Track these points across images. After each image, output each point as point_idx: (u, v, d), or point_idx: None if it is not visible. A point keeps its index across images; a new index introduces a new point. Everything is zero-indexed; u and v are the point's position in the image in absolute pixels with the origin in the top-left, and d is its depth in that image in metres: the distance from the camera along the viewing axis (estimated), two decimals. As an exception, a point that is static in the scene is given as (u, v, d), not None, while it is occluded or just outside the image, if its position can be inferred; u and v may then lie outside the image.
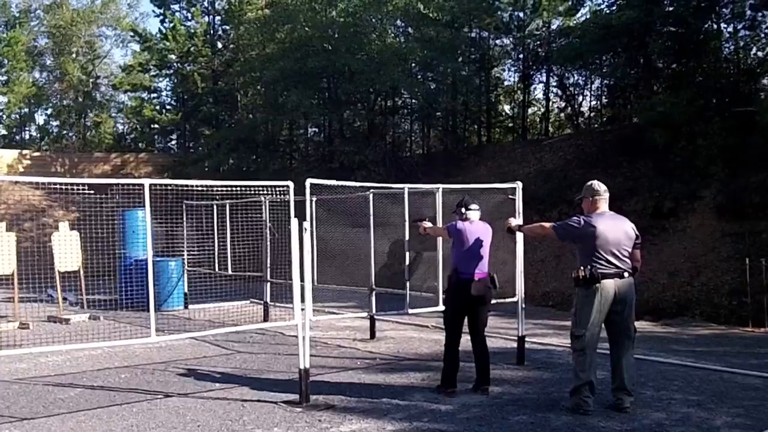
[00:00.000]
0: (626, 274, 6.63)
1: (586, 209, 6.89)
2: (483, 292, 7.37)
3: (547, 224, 7.05)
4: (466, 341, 7.62)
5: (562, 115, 28.05)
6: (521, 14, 25.60)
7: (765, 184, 14.09)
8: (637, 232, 6.84)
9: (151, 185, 6.68)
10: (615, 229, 6.65)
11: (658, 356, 9.18)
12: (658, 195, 16.08)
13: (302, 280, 7.13)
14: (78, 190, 7.29)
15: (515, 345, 9.11)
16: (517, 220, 7.40)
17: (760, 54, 18.65)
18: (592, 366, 6.66)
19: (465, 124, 27.90)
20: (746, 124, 14.96)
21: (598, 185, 6.97)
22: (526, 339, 9.09)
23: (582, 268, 6.56)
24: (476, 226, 7.50)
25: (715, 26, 18.77)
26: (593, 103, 26.52)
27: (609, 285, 6.53)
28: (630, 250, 6.69)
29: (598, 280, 6.48)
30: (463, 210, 7.51)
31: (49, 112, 41.93)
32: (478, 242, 7.37)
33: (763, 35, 18.28)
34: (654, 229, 15.22)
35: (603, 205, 6.85)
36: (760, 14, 17.97)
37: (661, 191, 16.07)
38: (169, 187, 9.13)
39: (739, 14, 18.16)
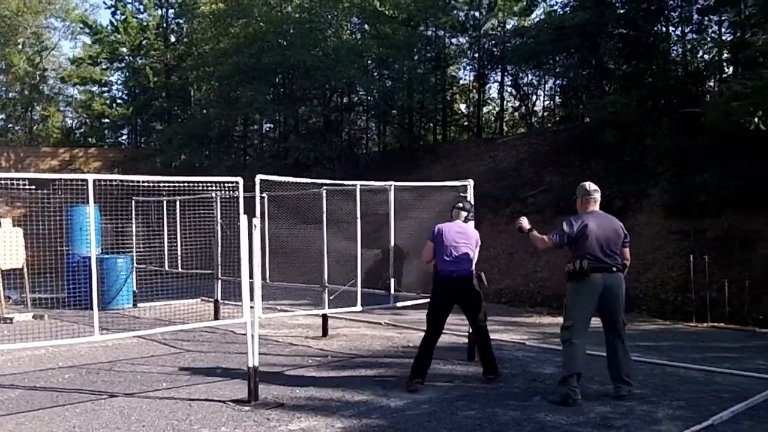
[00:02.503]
0: (615, 269, 6.90)
1: (578, 208, 7.16)
2: (462, 289, 7.59)
3: (546, 238, 7.11)
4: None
5: (517, 114, 28.30)
6: (477, 14, 25.75)
7: (710, 183, 14.38)
8: (626, 231, 7.14)
9: (95, 181, 6.51)
10: (604, 227, 6.93)
11: (605, 351, 9.25)
12: (608, 193, 16.07)
13: (251, 277, 7.04)
14: (19, 184, 7.07)
15: (466, 341, 9.11)
16: (528, 224, 7.39)
17: (706, 57, 19.09)
18: (579, 357, 6.87)
19: (421, 122, 27.97)
20: (693, 125, 15.27)
21: (589, 185, 7.21)
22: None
23: (572, 262, 6.85)
24: (458, 227, 7.72)
25: (664, 29, 19.16)
26: (547, 102, 26.85)
27: (598, 278, 6.80)
28: (619, 247, 6.98)
29: (587, 274, 6.76)
30: (453, 211, 7.88)
31: (-7, 104, 40.91)
32: (457, 242, 7.56)
33: (709, 39, 18.71)
34: (603, 226, 15.42)
35: (593, 204, 7.10)
36: (706, 18, 18.39)
37: (611, 190, 16.18)
38: (117, 183, 8.93)
39: (687, 18, 18.59)
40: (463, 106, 29.92)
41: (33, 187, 8.05)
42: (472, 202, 8.49)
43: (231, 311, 12.58)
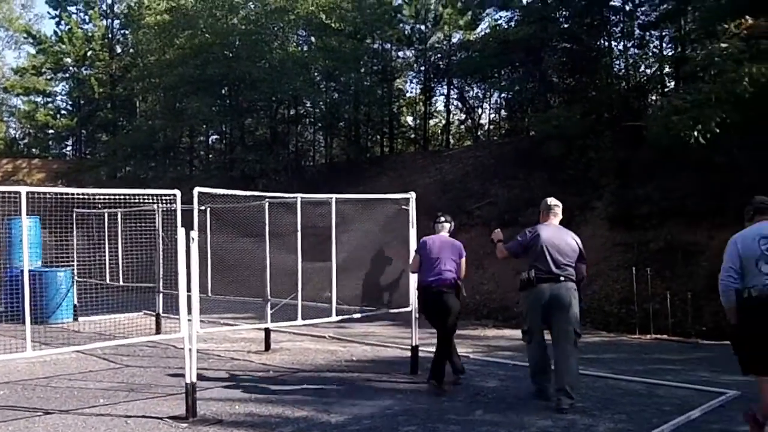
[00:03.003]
0: (562, 279, 7.17)
1: (540, 221, 7.60)
2: (442, 299, 8.00)
3: (503, 247, 7.60)
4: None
5: (463, 127, 28.56)
6: (423, 27, 25.96)
7: (652, 195, 14.65)
8: (581, 248, 7.46)
9: (29, 193, 6.37)
10: (557, 239, 7.29)
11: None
12: (552, 206, 16.50)
13: (189, 291, 6.95)
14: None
15: (409, 354, 9.11)
16: (500, 236, 7.79)
17: (648, 71, 19.53)
18: (538, 356, 7.44)
19: (368, 135, 28.02)
20: (636, 138, 15.55)
21: (550, 200, 7.67)
22: (421, 348, 9.09)
23: (526, 272, 7.25)
24: (442, 239, 8.25)
25: (606, 44, 19.52)
26: (492, 115, 27.16)
27: (545, 288, 7.15)
28: (573, 260, 7.29)
29: (534, 284, 7.15)
30: (433, 224, 8.43)
31: (-66, 114, 39.83)
32: (442, 254, 8.03)
33: (651, 53, 19.15)
34: (548, 239, 15.59)
35: (552, 218, 7.55)
36: (648, 33, 18.81)
37: (555, 202, 16.51)
38: (58, 195, 8.75)
39: (629, 33, 18.98)
40: (409, 119, 30.10)
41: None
42: (414, 215, 8.61)
43: (174, 325, 12.37)
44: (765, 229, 5.39)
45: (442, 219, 8.41)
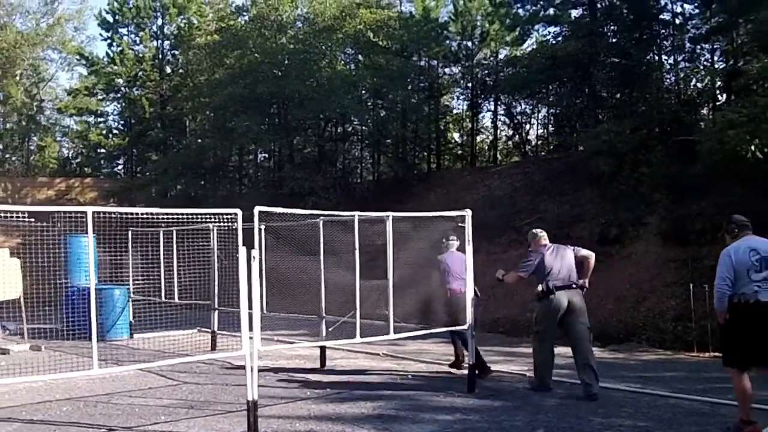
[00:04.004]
0: (573, 286, 8.56)
1: (533, 247, 8.95)
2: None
3: (514, 273, 9.09)
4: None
5: (510, 142, 28.48)
6: (469, 44, 26.01)
7: (706, 211, 14.42)
8: (576, 248, 8.94)
9: (94, 213, 6.51)
10: (557, 255, 8.69)
11: (606, 382, 9.23)
12: (603, 222, 16.35)
13: (250, 308, 7.01)
14: (19, 216, 7.07)
15: (465, 372, 9.07)
16: (502, 274, 9.19)
17: (699, 85, 19.25)
18: (552, 357, 8.74)
19: (415, 151, 28.10)
20: (688, 153, 15.34)
21: (536, 231, 9.16)
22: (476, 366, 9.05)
23: (539, 285, 8.56)
24: (455, 255, 9.76)
25: (656, 58, 19.33)
26: (540, 131, 27.05)
27: (561, 295, 8.46)
28: (573, 266, 8.66)
29: (552, 292, 8.42)
30: (444, 242, 9.82)
31: (-9, 135, 40.96)
32: (459, 267, 9.47)
33: (702, 67, 18.88)
34: (600, 255, 15.24)
35: (544, 240, 8.94)
36: (698, 47, 18.56)
37: (606, 218, 16.35)
38: (112, 215, 8.92)
39: (679, 46, 18.78)
40: (456, 135, 30.12)
41: (32, 219, 8.03)
42: (469, 231, 8.68)
43: (228, 342, 12.54)
44: (753, 242, 6.45)
45: (453, 238, 9.90)
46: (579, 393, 8.49)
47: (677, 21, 18.75)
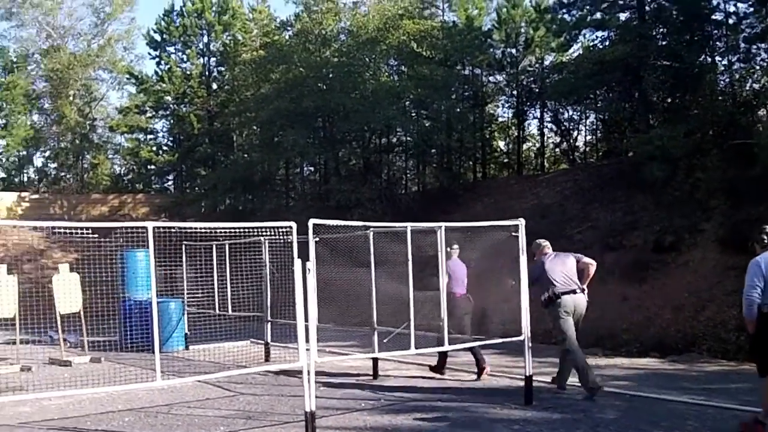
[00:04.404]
0: (577, 290, 9.04)
1: (538, 257, 9.39)
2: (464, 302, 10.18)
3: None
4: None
5: (558, 150, 28.22)
6: (514, 51, 25.90)
7: (766, 216, 14.05)
8: (578, 255, 9.38)
9: (154, 228, 6.61)
10: (558, 263, 9.16)
11: (668, 395, 9.04)
12: (658, 229, 16.04)
13: (306, 320, 7.05)
14: (80, 232, 7.25)
15: (522, 384, 8.97)
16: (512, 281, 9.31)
17: (756, 86, 18.80)
18: (581, 356, 9.00)
19: (460, 161, 28.02)
20: (745, 157, 14.97)
21: (540, 242, 9.56)
22: (535, 378, 8.93)
23: (544, 293, 9.01)
24: (456, 262, 10.34)
25: (709, 59, 18.96)
26: (588, 137, 26.76)
27: (567, 299, 8.95)
28: (575, 272, 9.10)
29: (559, 297, 8.90)
30: (449, 250, 9.92)
31: (47, 154, 41.97)
32: (458, 272, 10.23)
33: (758, 67, 18.45)
34: (655, 263, 15.15)
35: (547, 250, 9.45)
36: (754, 47, 18.15)
37: (661, 225, 16.04)
38: (171, 229, 9.06)
39: (733, 47, 18.37)
40: (502, 144, 29.99)
41: (95, 235, 8.21)
42: (523, 241, 8.63)
43: (280, 353, 12.62)
44: None
45: (456, 246, 10.28)
46: (639, 405, 8.35)
47: (730, 21, 18.34)
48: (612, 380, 10.36)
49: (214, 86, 34.81)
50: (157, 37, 35.31)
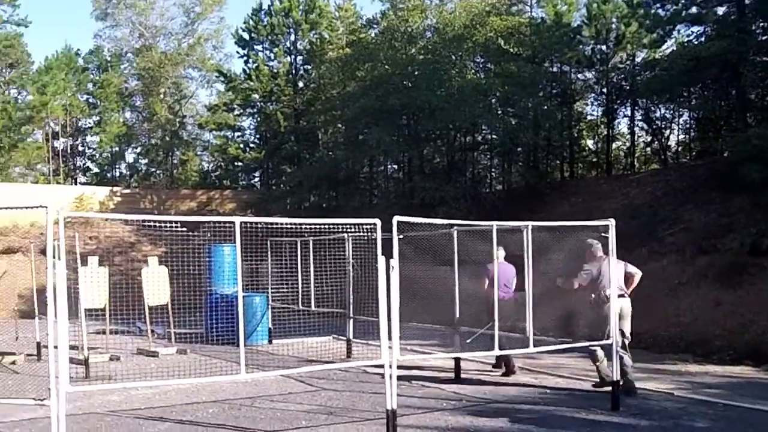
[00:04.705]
0: (625, 295, 9.42)
1: (589, 257, 9.53)
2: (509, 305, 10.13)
3: (571, 280, 9.57)
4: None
5: (649, 149, 27.42)
6: (604, 47, 25.27)
7: None
8: (626, 263, 9.65)
9: (241, 223, 6.68)
10: (611, 266, 9.01)
11: (763, 405, 8.58)
12: (755, 232, 15.30)
13: (389, 318, 7.00)
14: (170, 226, 7.40)
15: (608, 389, 8.72)
16: (560, 279, 9.69)
17: None
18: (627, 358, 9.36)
19: (547, 159, 27.54)
20: None
21: (592, 241, 9.50)
22: (620, 383, 8.67)
23: (595, 294, 9.30)
24: (502, 264, 10.37)
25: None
26: (681, 136, 25.91)
27: (615, 301, 9.00)
28: (622, 280, 9.39)
29: (608, 300, 8.97)
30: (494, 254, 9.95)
31: (138, 150, 43.43)
32: (501, 275, 10.12)
33: None
34: (752, 267, 14.45)
35: (599, 252, 9.40)
36: None
37: (758, 228, 15.31)
38: (258, 225, 9.16)
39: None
40: (590, 142, 29.32)
41: (184, 229, 8.38)
42: (613, 241, 8.36)
43: (362, 350, 12.65)
44: None
45: (501, 249, 10.26)
46: (733, 414, 8.00)
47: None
48: (704, 388, 9.96)
49: (301, 84, 35.20)
50: (246, 36, 35.94)
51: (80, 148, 43.94)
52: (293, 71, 35.20)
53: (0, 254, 22.98)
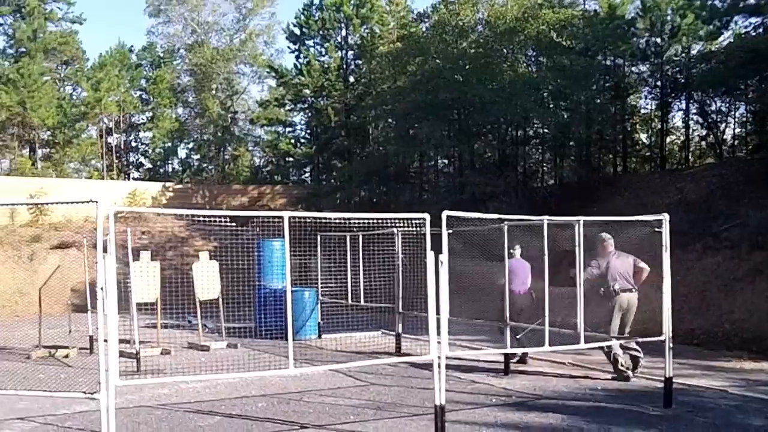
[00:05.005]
0: (633, 290, 9.80)
1: (601, 251, 9.88)
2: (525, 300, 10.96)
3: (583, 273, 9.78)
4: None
5: (704, 143, 26.81)
6: (658, 40, 24.72)
7: None
8: (636, 259, 9.83)
9: (289, 218, 6.73)
10: (621, 261, 9.81)
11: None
12: (818, 230, 14.92)
13: (438, 313, 6.99)
14: (220, 221, 7.50)
15: (661, 386, 8.58)
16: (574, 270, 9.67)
17: None
18: (619, 349, 9.95)
19: (600, 154, 27.12)
20: None
21: (605, 235, 9.90)
22: (675, 381, 8.52)
23: (605, 288, 9.71)
24: (519, 261, 11.12)
25: None
26: (737, 130, 25.26)
27: (623, 296, 9.72)
28: (631, 274, 9.82)
29: (617, 293, 9.67)
30: (512, 251, 10.88)
31: (190, 146, 44.11)
32: (520, 271, 11.00)
33: None
34: (812, 265, 14.09)
35: (611, 247, 9.88)
36: None
37: (820, 224, 14.92)
38: (306, 220, 9.22)
39: None
40: (644, 137, 28.78)
41: (233, 224, 8.49)
42: (666, 237, 8.23)
43: (411, 345, 12.66)
44: None
45: (516, 248, 11.11)
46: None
47: None
48: (759, 385, 9.72)
49: (351, 79, 35.29)
50: (297, 31, 36.18)
51: (133, 144, 44.88)
52: (344, 66, 35.30)
53: (54, 249, 23.51)
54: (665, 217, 8.50)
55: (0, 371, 10.50)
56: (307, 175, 39.23)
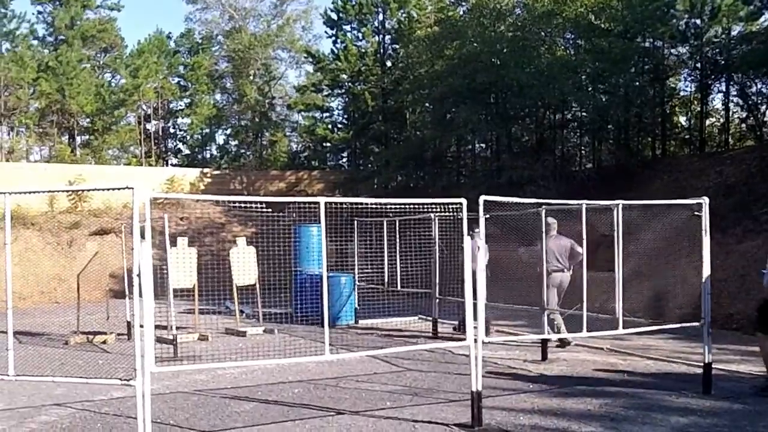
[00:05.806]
0: (565, 270, 11.01)
1: (547, 233, 10.40)
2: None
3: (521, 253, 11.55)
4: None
5: (744, 125, 26.29)
6: (698, 21, 24.26)
7: None
8: (574, 243, 10.53)
9: (326, 203, 6.77)
10: (556, 243, 10.88)
11: None
12: None
13: (475, 298, 6.99)
14: (256, 207, 7.57)
15: (700, 371, 8.50)
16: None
17: None
18: (560, 320, 10.83)
19: (638, 137, 26.77)
20: None
21: (550, 220, 10.70)
22: (715, 366, 8.44)
23: (543, 266, 10.36)
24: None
25: None
26: (779, 112, 24.70)
27: (556, 276, 10.91)
28: (566, 256, 10.96)
29: (550, 273, 10.63)
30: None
31: (228, 132, 44.41)
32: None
33: None
34: None
35: (553, 231, 10.87)
36: None
37: None
38: (342, 205, 9.27)
39: None
40: (683, 119, 28.33)
41: (270, 210, 8.55)
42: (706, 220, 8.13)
43: (448, 330, 12.67)
44: None
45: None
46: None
47: None
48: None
49: (389, 64, 35.21)
50: (334, 16, 36.19)
51: (171, 131, 45.26)
52: (381, 51, 35.25)
53: (93, 235, 23.88)
54: (705, 200, 8.38)
55: (39, 357, 10.70)
56: (344, 160, 39.31)
